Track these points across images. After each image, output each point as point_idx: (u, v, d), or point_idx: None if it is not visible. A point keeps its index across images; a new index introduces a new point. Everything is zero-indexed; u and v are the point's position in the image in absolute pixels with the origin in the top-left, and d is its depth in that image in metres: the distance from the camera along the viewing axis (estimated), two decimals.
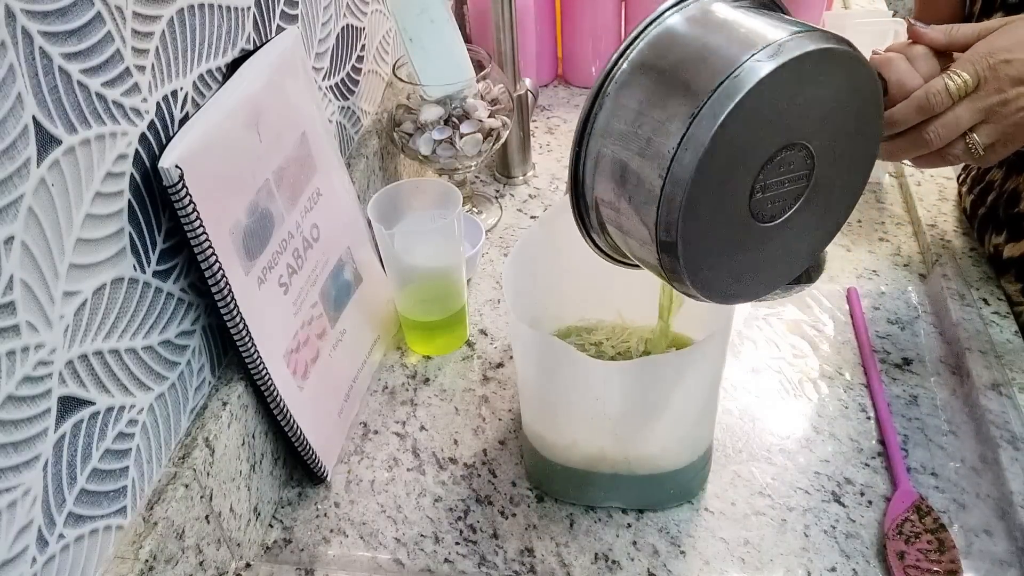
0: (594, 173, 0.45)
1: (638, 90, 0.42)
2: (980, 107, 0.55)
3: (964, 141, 0.56)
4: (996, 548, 0.58)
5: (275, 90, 0.61)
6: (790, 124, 0.40)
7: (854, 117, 0.43)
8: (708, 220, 0.41)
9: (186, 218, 0.51)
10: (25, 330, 0.41)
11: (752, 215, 0.42)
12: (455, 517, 0.63)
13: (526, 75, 0.99)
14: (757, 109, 0.38)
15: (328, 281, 0.69)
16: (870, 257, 0.84)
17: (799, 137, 0.41)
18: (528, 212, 0.95)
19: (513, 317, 0.55)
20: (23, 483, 0.42)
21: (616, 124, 0.43)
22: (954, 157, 0.57)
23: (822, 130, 0.41)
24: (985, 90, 0.55)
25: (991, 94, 0.55)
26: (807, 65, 0.39)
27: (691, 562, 0.59)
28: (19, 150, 0.40)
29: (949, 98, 0.55)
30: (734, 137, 0.38)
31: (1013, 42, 0.55)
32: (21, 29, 0.40)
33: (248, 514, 0.61)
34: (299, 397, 0.63)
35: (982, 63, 0.55)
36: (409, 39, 0.80)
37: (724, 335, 0.55)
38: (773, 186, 0.42)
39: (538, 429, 0.61)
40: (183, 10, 0.53)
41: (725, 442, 0.67)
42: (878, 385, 0.70)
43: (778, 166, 0.41)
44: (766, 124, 0.39)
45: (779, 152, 0.41)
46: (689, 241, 0.41)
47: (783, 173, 0.42)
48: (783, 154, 0.41)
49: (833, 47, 0.39)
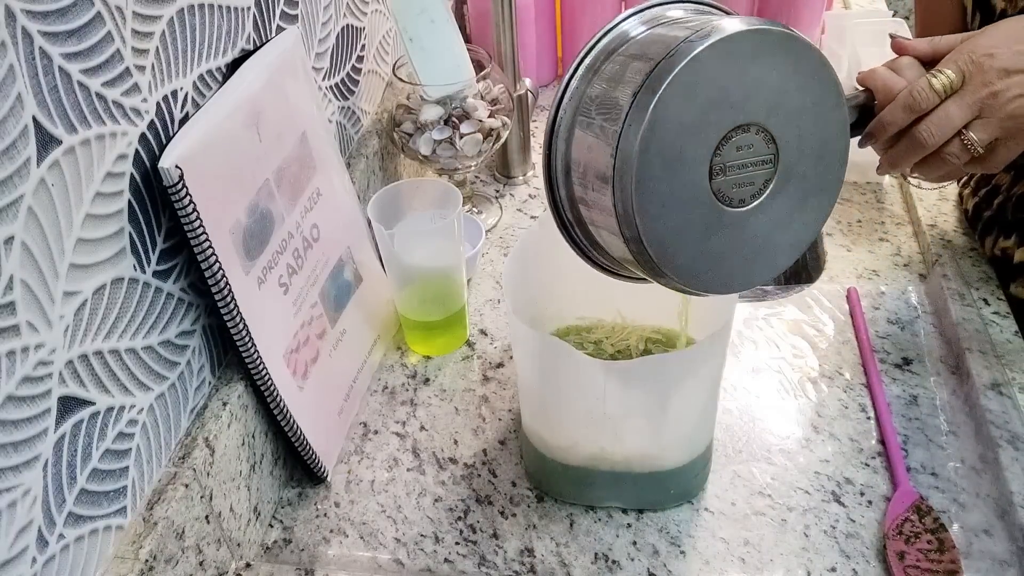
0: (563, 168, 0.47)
1: (596, 85, 0.45)
2: (969, 102, 0.55)
3: (960, 139, 0.56)
4: (996, 548, 0.58)
5: (275, 90, 0.61)
6: (738, 103, 0.42)
7: (812, 102, 0.44)
8: (665, 198, 0.42)
9: (186, 218, 0.51)
10: (25, 330, 0.41)
11: (717, 198, 0.43)
12: (455, 517, 0.63)
13: (526, 75, 0.99)
14: (695, 85, 0.40)
15: (328, 281, 0.69)
16: (870, 257, 0.84)
17: (751, 117, 0.42)
18: (528, 212, 0.95)
19: (513, 317, 0.55)
20: (23, 483, 0.42)
21: (579, 118, 0.46)
22: (953, 157, 0.57)
23: (777, 114, 0.43)
24: (972, 85, 0.55)
25: (979, 88, 0.55)
26: (742, 44, 0.41)
27: (691, 562, 0.59)
28: (19, 150, 0.40)
29: (935, 95, 0.55)
30: (677, 112, 0.40)
31: (994, 40, 0.56)
32: (21, 29, 0.40)
33: (248, 514, 0.61)
34: (299, 397, 0.63)
35: (965, 59, 0.56)
36: (409, 39, 0.80)
37: (724, 335, 0.55)
38: (734, 168, 0.43)
39: (538, 429, 0.61)
40: (183, 10, 0.53)
41: (725, 442, 0.67)
42: (878, 385, 0.70)
43: (735, 147, 0.42)
44: (711, 101, 0.41)
45: (733, 132, 0.42)
46: (647, 218, 0.42)
47: (743, 156, 0.43)
48: (738, 135, 0.42)
49: (766, 28, 0.41)
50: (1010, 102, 0.55)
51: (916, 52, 0.58)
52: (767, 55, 0.41)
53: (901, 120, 0.56)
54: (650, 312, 0.69)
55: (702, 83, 0.40)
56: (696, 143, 0.41)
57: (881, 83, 0.57)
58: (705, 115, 0.41)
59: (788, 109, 0.43)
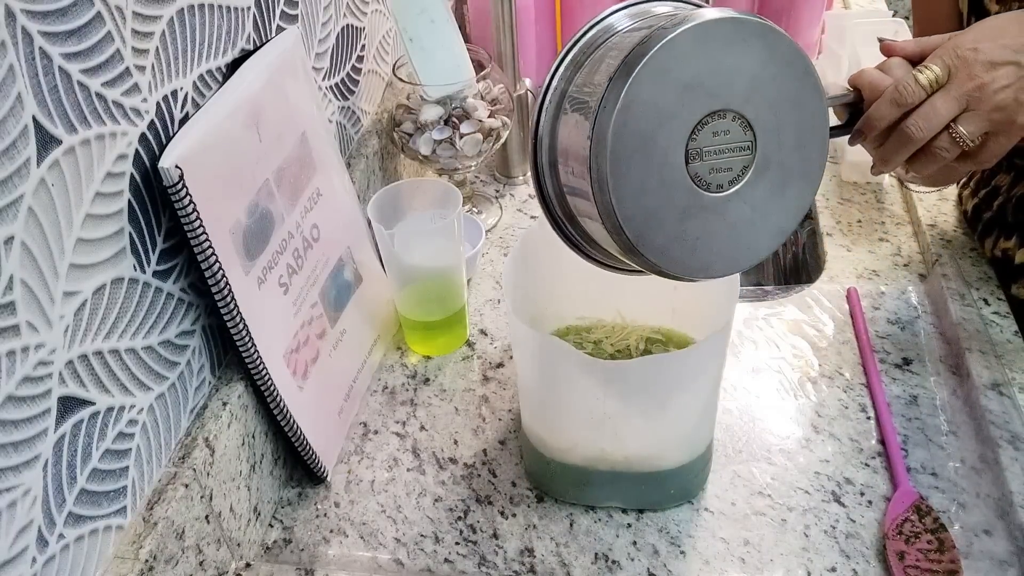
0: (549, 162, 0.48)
1: (577, 78, 0.46)
2: (955, 95, 0.56)
3: (949, 133, 0.57)
4: (996, 548, 0.58)
5: (275, 90, 0.61)
6: (713, 90, 0.42)
7: (789, 94, 0.44)
8: (642, 179, 0.43)
9: (186, 218, 0.51)
10: (25, 330, 0.41)
11: (695, 182, 0.44)
12: (455, 517, 0.63)
13: (526, 75, 0.99)
14: (668, 68, 0.41)
15: (328, 281, 0.69)
16: (870, 257, 0.84)
17: (726, 104, 0.43)
18: (528, 212, 0.95)
19: (513, 317, 0.55)
20: (23, 483, 0.42)
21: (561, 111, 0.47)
22: (943, 151, 0.57)
23: (753, 101, 0.43)
24: (958, 79, 0.56)
25: (964, 81, 0.56)
26: (716, 31, 0.42)
27: (691, 562, 0.59)
28: (19, 150, 0.40)
29: (921, 89, 0.56)
30: (651, 95, 0.41)
31: (978, 35, 0.57)
32: (21, 29, 0.40)
33: (248, 514, 0.61)
34: (299, 397, 0.63)
35: (950, 54, 0.56)
36: (409, 39, 0.80)
37: (724, 335, 0.55)
38: (711, 153, 0.44)
39: (538, 429, 0.61)
40: (183, 10, 0.53)
41: (725, 442, 0.67)
42: (878, 385, 0.70)
43: (711, 132, 0.43)
44: (685, 86, 0.42)
45: (708, 117, 0.43)
46: (623, 199, 0.42)
47: (720, 141, 0.44)
48: (714, 120, 0.43)
49: (740, 17, 0.42)
50: (996, 94, 0.55)
51: (904, 52, 0.60)
52: (741, 43, 0.42)
53: (889, 115, 0.57)
54: (650, 312, 0.69)
55: (676, 67, 0.41)
56: (671, 127, 0.42)
57: (868, 82, 0.58)
58: (680, 99, 0.42)
59: (764, 96, 0.44)
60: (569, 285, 0.67)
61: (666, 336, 0.69)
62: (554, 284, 0.66)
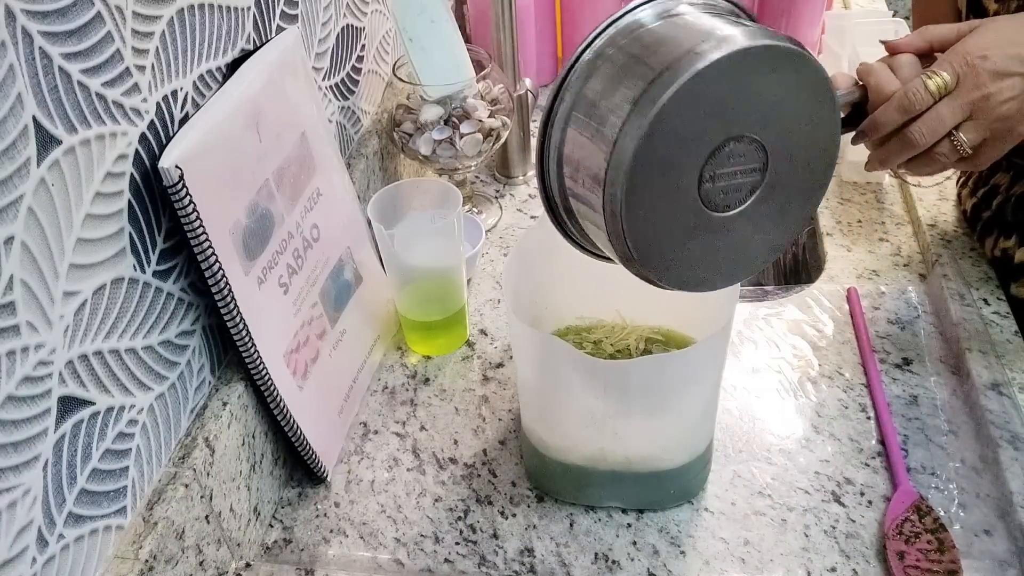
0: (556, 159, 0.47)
1: (595, 81, 0.44)
2: (961, 103, 0.56)
3: (950, 140, 0.57)
4: (996, 548, 0.58)
5: (275, 90, 0.61)
6: (735, 116, 0.41)
7: (807, 117, 0.44)
8: (653, 204, 0.42)
9: (186, 218, 0.51)
10: (25, 330, 0.41)
11: (703, 203, 0.43)
12: (455, 517, 0.63)
13: (526, 75, 0.99)
14: (697, 97, 0.39)
15: (328, 281, 0.69)
16: (870, 257, 0.84)
17: (746, 130, 0.42)
18: (528, 212, 0.95)
19: (513, 317, 0.55)
20: (23, 483, 0.42)
21: (575, 113, 0.45)
22: (943, 157, 0.58)
23: (772, 125, 0.42)
24: (965, 87, 0.56)
25: (971, 90, 0.56)
26: (751, 59, 0.40)
27: (691, 562, 0.59)
28: (19, 150, 0.40)
29: (929, 96, 0.56)
30: (675, 124, 0.40)
31: (988, 40, 0.57)
32: (21, 29, 0.40)
33: (248, 514, 0.61)
34: (299, 397, 0.63)
35: (959, 61, 0.56)
36: (409, 39, 0.80)
37: (724, 335, 0.55)
38: (724, 176, 0.43)
39: (538, 429, 0.61)
40: (183, 10, 0.53)
41: (725, 442, 0.67)
42: (878, 385, 0.70)
43: (728, 157, 0.42)
44: (709, 113, 0.40)
45: (726, 142, 0.42)
46: (634, 221, 0.42)
47: (734, 164, 0.43)
48: (731, 145, 0.42)
49: (778, 44, 0.40)
50: (1001, 105, 0.56)
51: (908, 47, 0.59)
52: (771, 71, 0.41)
53: (895, 121, 0.57)
54: (650, 312, 0.69)
55: (702, 97, 0.40)
56: (690, 153, 0.41)
57: (875, 83, 0.58)
58: (702, 126, 0.41)
59: (783, 121, 0.43)
60: (569, 285, 0.67)
61: (666, 336, 0.69)
62: (554, 284, 0.66)
